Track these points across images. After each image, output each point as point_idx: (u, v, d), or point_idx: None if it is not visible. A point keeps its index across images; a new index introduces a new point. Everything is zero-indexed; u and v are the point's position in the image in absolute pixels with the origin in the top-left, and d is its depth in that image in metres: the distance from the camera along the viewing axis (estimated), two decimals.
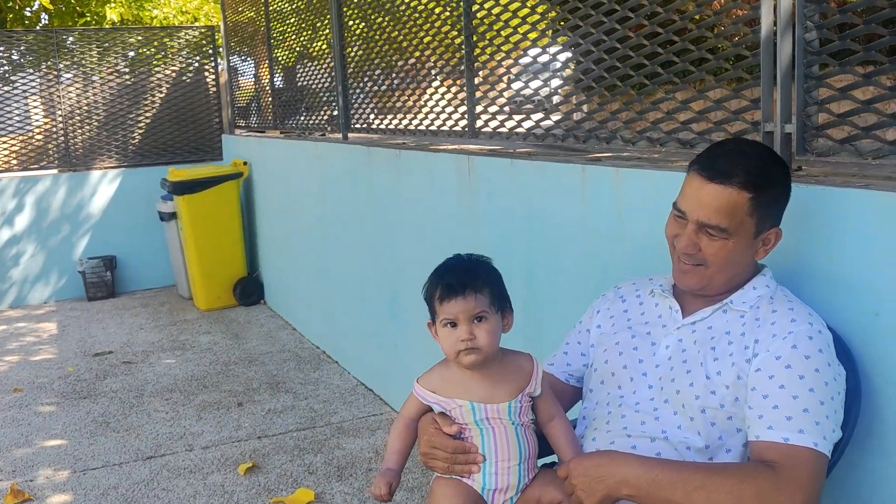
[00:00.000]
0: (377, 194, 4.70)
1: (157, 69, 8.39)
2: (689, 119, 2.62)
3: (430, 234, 4.10)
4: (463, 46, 3.84)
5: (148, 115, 8.38)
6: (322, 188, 5.66)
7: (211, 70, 8.59)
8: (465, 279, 1.87)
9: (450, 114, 4.08)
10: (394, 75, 4.75)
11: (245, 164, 7.32)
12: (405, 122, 4.63)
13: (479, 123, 3.79)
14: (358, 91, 5.32)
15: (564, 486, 1.86)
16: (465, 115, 3.90)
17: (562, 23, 3.21)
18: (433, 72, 4.27)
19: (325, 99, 5.99)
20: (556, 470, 1.88)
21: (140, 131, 8.36)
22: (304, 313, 6.40)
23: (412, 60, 4.47)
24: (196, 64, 8.58)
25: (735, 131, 2.44)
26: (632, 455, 1.82)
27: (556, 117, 3.37)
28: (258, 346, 6.19)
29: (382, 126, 4.94)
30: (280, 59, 7.14)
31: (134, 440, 4.48)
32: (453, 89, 4.04)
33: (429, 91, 4.34)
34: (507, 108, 3.66)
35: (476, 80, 3.80)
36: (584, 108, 3.29)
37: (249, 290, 7.42)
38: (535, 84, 3.43)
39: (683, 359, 1.94)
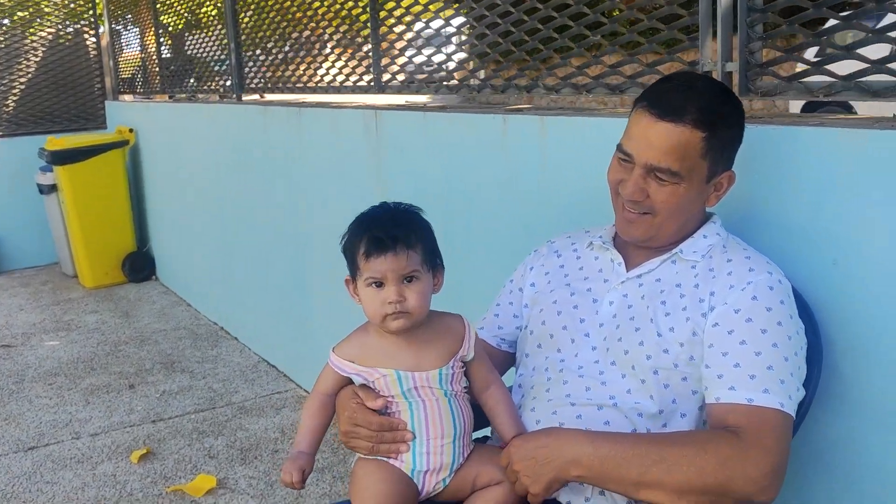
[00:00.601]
0: (276, 157, 4.40)
1: (31, 31, 7.79)
2: (618, 62, 2.43)
3: (335, 197, 3.83)
4: None
5: (22, 80, 7.75)
6: (216, 154, 5.31)
7: (91, 32, 8.02)
8: (397, 233, 1.62)
9: (353, 68, 3.81)
10: (292, 28, 4.43)
11: (131, 131, 6.86)
12: (305, 79, 4.33)
13: (386, 77, 3.54)
14: (252, 50, 4.98)
15: (507, 474, 1.66)
16: (371, 69, 3.64)
17: None
18: (335, 23, 3.98)
19: (216, 61, 5.61)
20: (500, 458, 1.68)
21: (14, 98, 7.74)
22: (200, 288, 6.04)
23: (311, 12, 4.17)
24: (75, 26, 8.00)
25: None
26: (579, 431, 1.63)
27: (470, 65, 3.14)
28: (150, 323, 5.81)
29: (280, 84, 4.62)
30: (167, 24, 6.70)
31: (14, 430, 4.09)
32: (357, 41, 3.76)
33: (330, 44, 4.05)
34: (416, 60, 3.42)
35: (382, 30, 3.54)
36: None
37: (139, 266, 6.98)
38: (448, 32, 3.19)
39: (630, 315, 1.75)
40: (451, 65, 3.15)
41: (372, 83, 3.64)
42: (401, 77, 3.47)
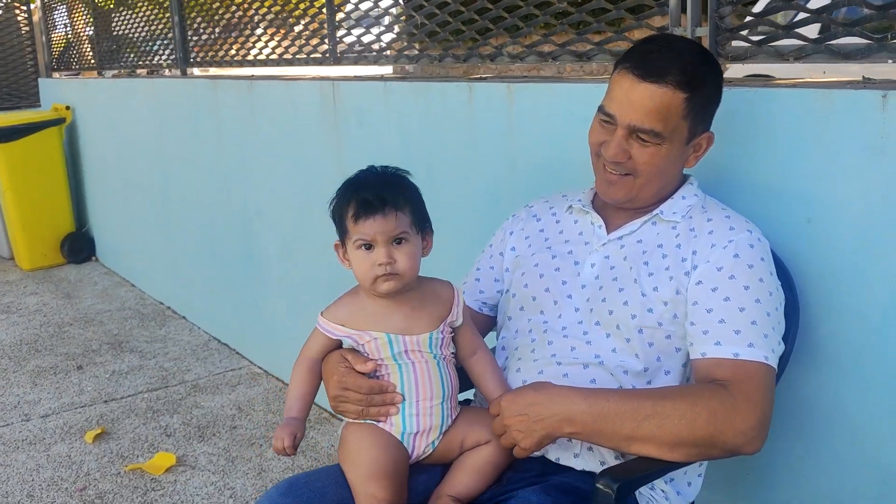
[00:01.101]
0: (226, 133, 4.32)
1: None
2: (585, 29, 2.44)
3: (289, 174, 3.77)
4: None
5: None
6: (160, 130, 5.19)
7: (22, 8, 7.76)
8: (385, 195, 1.62)
9: (307, 39, 3.76)
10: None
11: (67, 108, 6.67)
12: (254, 51, 4.25)
13: (342, 48, 3.50)
14: (196, 23, 4.87)
15: (494, 426, 1.67)
16: (326, 39, 3.60)
17: None
18: None
19: (158, 36, 5.48)
20: (487, 418, 1.69)
21: None
22: (144, 268, 5.92)
23: None
24: (5, 1, 7.72)
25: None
26: (571, 388, 1.64)
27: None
28: (94, 304, 5.68)
29: (228, 57, 4.54)
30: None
31: None
32: (311, 12, 3.71)
33: (282, 15, 3.98)
34: (373, 30, 3.38)
35: (337, 0, 3.50)
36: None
37: (79, 247, 6.81)
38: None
39: (613, 276, 1.78)
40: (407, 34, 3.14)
41: (327, 54, 3.60)
42: (357, 49, 3.44)
